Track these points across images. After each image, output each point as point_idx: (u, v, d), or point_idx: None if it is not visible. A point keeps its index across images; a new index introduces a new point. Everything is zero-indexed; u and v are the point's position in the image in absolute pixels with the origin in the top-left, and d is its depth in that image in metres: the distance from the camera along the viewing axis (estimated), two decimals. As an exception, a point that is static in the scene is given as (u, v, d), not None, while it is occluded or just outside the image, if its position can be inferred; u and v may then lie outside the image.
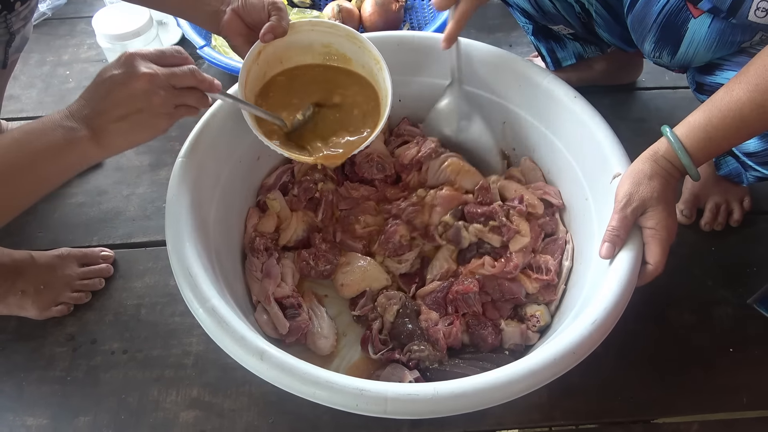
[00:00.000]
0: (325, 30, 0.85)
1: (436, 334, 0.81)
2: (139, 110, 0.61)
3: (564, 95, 0.88)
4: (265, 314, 0.83)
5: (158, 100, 0.61)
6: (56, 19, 1.44)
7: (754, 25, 0.69)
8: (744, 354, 0.89)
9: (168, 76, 0.62)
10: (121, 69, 0.61)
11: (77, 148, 0.60)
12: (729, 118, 0.67)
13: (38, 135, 0.60)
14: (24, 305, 0.90)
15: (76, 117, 0.61)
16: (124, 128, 0.62)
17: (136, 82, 0.60)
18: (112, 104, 0.60)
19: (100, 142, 0.61)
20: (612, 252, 0.71)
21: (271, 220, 0.92)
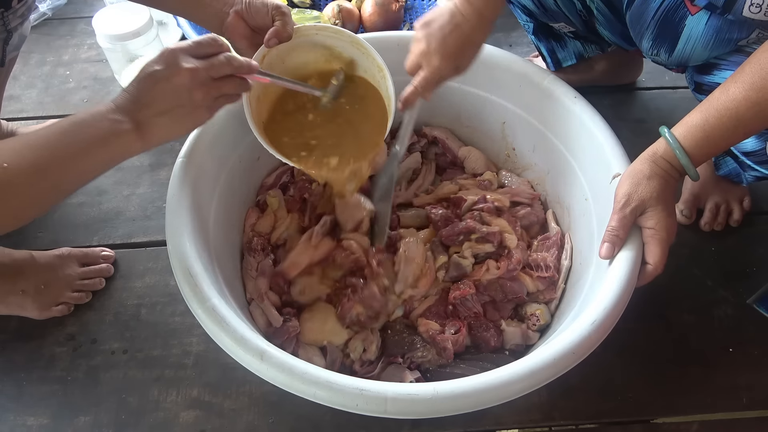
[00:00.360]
0: (331, 35, 0.84)
1: (444, 342, 0.80)
2: (181, 105, 0.63)
3: (564, 95, 0.88)
4: (257, 309, 0.83)
5: (199, 95, 0.63)
6: (56, 19, 1.44)
7: (749, 21, 0.70)
8: (744, 354, 0.89)
9: (207, 68, 0.64)
10: (162, 65, 0.62)
11: (121, 139, 0.62)
12: (726, 117, 0.68)
13: (85, 126, 0.61)
14: (24, 305, 0.90)
15: (121, 110, 0.62)
16: (167, 121, 0.64)
17: (178, 77, 0.62)
18: (156, 99, 0.62)
19: (143, 134, 0.63)
20: (611, 252, 0.72)
21: (269, 220, 0.92)
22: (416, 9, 1.40)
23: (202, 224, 0.79)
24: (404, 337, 0.82)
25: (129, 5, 1.19)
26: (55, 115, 1.21)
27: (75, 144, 0.61)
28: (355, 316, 0.82)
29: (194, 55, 0.64)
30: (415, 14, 1.39)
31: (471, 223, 0.88)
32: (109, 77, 1.29)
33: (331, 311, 0.84)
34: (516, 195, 0.95)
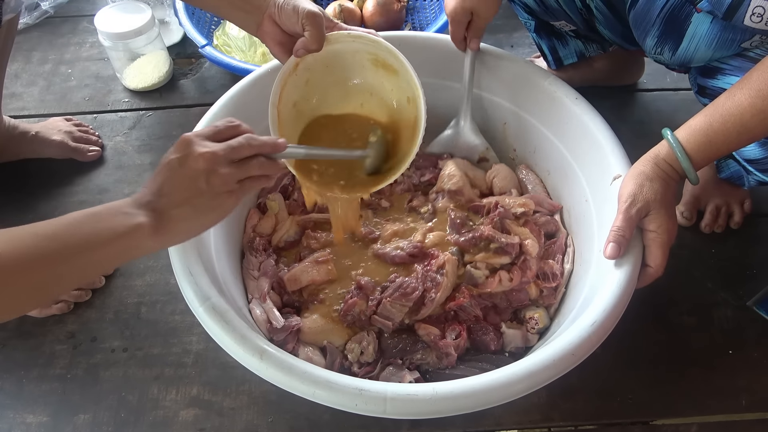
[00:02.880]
0: (367, 44, 0.78)
1: (447, 348, 0.79)
2: (199, 193, 0.58)
3: (565, 96, 0.88)
4: (258, 308, 0.83)
5: (218, 180, 0.58)
6: (58, 17, 1.44)
7: (750, 29, 0.70)
8: (743, 356, 0.89)
9: (226, 151, 0.59)
10: (178, 153, 0.58)
11: (135, 234, 0.57)
12: (730, 123, 0.68)
13: (98, 219, 0.57)
14: (25, 303, 0.90)
15: (138, 204, 0.58)
16: (187, 213, 0.59)
17: (194, 163, 0.57)
18: (172, 189, 0.58)
19: (161, 229, 0.58)
20: (617, 252, 0.71)
21: (270, 222, 0.92)
22: (418, 9, 1.40)
23: (203, 223, 0.79)
24: (403, 338, 0.82)
25: (131, 4, 1.19)
26: (56, 113, 1.21)
27: (83, 236, 0.56)
28: (357, 314, 0.82)
29: (211, 140, 0.59)
30: (417, 14, 1.40)
31: (490, 232, 0.85)
32: (111, 76, 1.29)
33: (331, 311, 0.84)
34: (538, 204, 0.93)
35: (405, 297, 0.80)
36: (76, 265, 0.57)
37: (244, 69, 1.11)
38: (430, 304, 0.81)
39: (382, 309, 0.81)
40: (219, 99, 0.87)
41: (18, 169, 1.11)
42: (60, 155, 1.12)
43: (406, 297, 0.80)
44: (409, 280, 0.82)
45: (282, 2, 0.74)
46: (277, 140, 0.63)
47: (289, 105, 0.81)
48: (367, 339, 0.81)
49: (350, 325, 0.83)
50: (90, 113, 1.23)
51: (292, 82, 0.79)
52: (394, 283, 0.82)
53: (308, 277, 0.85)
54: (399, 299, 0.80)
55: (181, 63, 1.33)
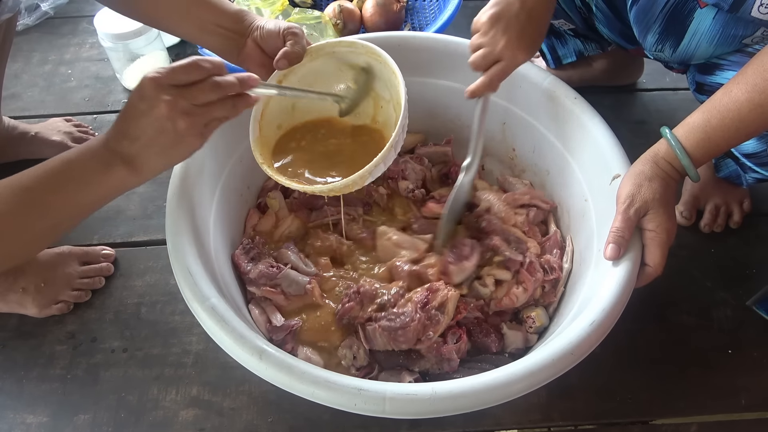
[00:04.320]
0: (345, 48, 0.79)
1: (449, 354, 0.79)
2: (166, 136, 0.60)
3: (564, 96, 0.88)
4: (257, 308, 0.83)
5: (183, 124, 0.59)
6: (58, 18, 1.44)
7: (757, 21, 0.70)
8: (743, 356, 0.89)
9: (189, 96, 0.60)
10: (142, 97, 0.59)
11: (112, 176, 0.61)
12: (728, 119, 0.68)
13: (74, 166, 0.60)
14: (24, 303, 0.90)
15: (109, 146, 0.61)
16: (156, 152, 0.61)
17: (157, 109, 0.58)
18: (140, 132, 0.60)
19: (135, 168, 0.61)
20: (617, 253, 0.71)
21: (270, 220, 0.93)
22: (417, 10, 1.40)
23: (203, 223, 0.79)
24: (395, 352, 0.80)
25: (130, 4, 1.19)
26: (56, 113, 1.21)
27: (63, 184, 0.60)
28: (352, 319, 0.81)
29: (175, 83, 0.59)
30: (417, 15, 1.40)
31: (497, 242, 0.85)
32: (111, 76, 1.29)
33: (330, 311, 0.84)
34: (534, 198, 0.94)
35: (395, 341, 0.77)
36: (63, 212, 0.61)
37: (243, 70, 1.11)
38: (426, 341, 0.78)
39: (371, 331, 0.78)
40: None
41: (18, 170, 1.07)
42: (60, 156, 1.12)
43: (395, 341, 0.77)
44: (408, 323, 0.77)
45: (263, 24, 0.76)
46: (247, 77, 0.63)
47: (273, 126, 0.81)
48: (357, 343, 0.80)
49: (345, 327, 0.82)
50: (90, 114, 1.23)
51: (276, 101, 0.80)
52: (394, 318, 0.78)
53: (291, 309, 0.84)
54: (389, 337, 0.77)
55: (180, 63, 1.33)
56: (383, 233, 0.90)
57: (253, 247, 0.87)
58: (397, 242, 0.89)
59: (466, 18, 1.38)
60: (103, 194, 0.63)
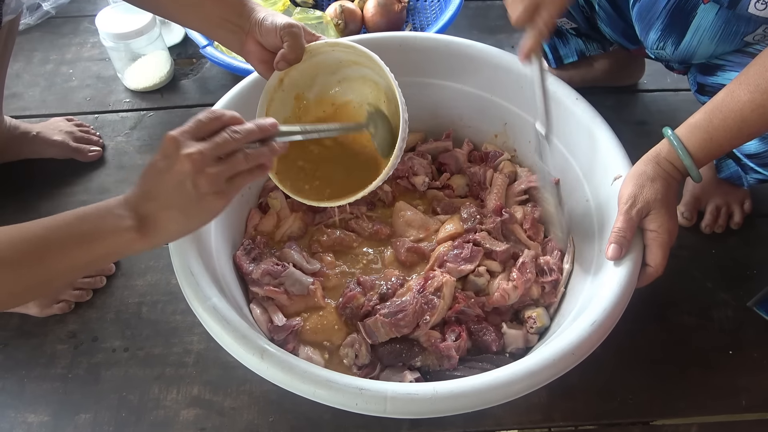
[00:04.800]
0: (343, 50, 0.78)
1: (448, 351, 0.79)
2: (188, 196, 0.56)
3: (566, 97, 0.88)
4: (259, 308, 0.83)
5: (205, 181, 0.56)
6: (60, 17, 1.44)
7: (755, 17, 0.70)
8: (743, 356, 0.89)
9: (211, 149, 0.56)
10: (164, 154, 0.57)
11: (121, 238, 0.57)
12: (730, 119, 0.68)
13: (86, 221, 0.58)
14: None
15: (126, 205, 0.58)
16: (175, 216, 0.58)
17: (180, 165, 0.55)
18: (159, 192, 0.57)
19: (148, 231, 0.58)
20: (619, 253, 0.72)
21: (272, 220, 0.93)
22: (419, 10, 1.40)
23: (204, 223, 0.79)
24: (397, 346, 0.81)
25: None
26: (57, 113, 1.22)
27: (70, 239, 0.57)
28: (355, 308, 0.82)
29: (196, 137, 0.57)
30: (418, 15, 1.40)
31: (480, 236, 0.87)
32: (112, 76, 1.29)
33: (331, 311, 0.84)
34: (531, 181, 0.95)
35: (396, 326, 0.79)
36: (62, 267, 0.58)
37: (245, 69, 1.12)
38: (424, 326, 0.80)
39: (372, 323, 0.79)
40: (220, 99, 0.87)
41: (19, 170, 1.11)
42: (61, 155, 1.12)
43: (397, 326, 0.79)
44: (406, 305, 0.79)
45: (260, 20, 0.74)
46: (265, 123, 0.60)
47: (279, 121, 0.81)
48: (359, 341, 0.81)
49: (348, 319, 0.83)
50: (91, 113, 1.23)
51: (279, 98, 0.79)
52: (393, 305, 0.80)
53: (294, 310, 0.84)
54: (390, 325, 0.79)
55: (182, 63, 1.33)
56: (399, 209, 0.92)
57: (254, 248, 0.87)
58: (408, 220, 0.92)
59: (468, 19, 1.40)
60: (108, 251, 0.58)
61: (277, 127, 0.61)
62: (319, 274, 0.87)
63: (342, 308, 0.82)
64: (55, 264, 0.57)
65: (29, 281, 0.57)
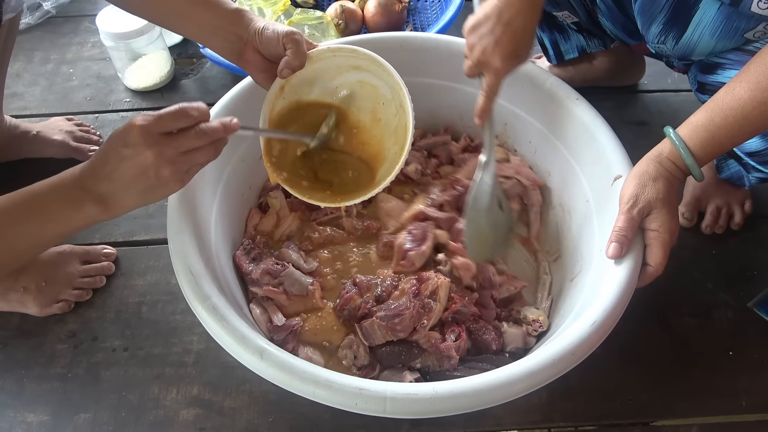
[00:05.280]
0: (348, 55, 0.79)
1: (448, 351, 0.79)
2: (147, 182, 0.60)
3: (566, 97, 0.88)
4: (259, 308, 0.83)
5: (166, 172, 0.60)
6: (60, 17, 1.44)
7: (756, 16, 0.70)
8: (744, 357, 0.89)
9: (175, 145, 0.60)
10: (127, 144, 0.59)
11: (83, 213, 0.61)
12: (731, 117, 0.68)
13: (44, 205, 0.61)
14: (25, 302, 0.90)
15: (83, 185, 0.61)
16: (133, 195, 0.61)
17: (142, 158, 0.59)
18: (120, 176, 0.60)
19: (107, 207, 0.61)
20: (620, 252, 0.71)
21: (272, 219, 0.93)
22: (419, 10, 1.40)
23: (204, 223, 0.79)
24: (396, 349, 0.81)
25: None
26: (58, 113, 1.22)
27: (27, 217, 0.60)
28: (353, 309, 0.82)
29: (163, 131, 0.60)
30: (418, 15, 1.40)
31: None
32: (112, 75, 1.29)
33: (329, 311, 0.84)
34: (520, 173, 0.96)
35: (392, 329, 0.79)
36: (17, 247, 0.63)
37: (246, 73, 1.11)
38: (422, 330, 0.80)
39: (368, 325, 0.79)
40: (220, 99, 0.87)
41: (19, 169, 1.11)
42: (61, 155, 1.12)
43: (393, 330, 0.79)
44: (403, 310, 0.79)
45: (261, 29, 0.74)
46: (227, 123, 0.63)
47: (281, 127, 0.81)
48: (357, 342, 0.81)
49: (346, 320, 0.83)
50: (91, 113, 1.23)
51: (280, 105, 0.80)
52: (389, 308, 0.80)
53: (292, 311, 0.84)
54: (387, 328, 0.79)
55: (182, 63, 1.33)
56: (378, 200, 0.93)
57: (254, 248, 0.87)
58: (388, 210, 0.93)
59: (468, 19, 1.39)
60: (69, 229, 0.63)
61: (238, 126, 0.65)
62: (316, 273, 0.87)
63: (340, 310, 0.82)
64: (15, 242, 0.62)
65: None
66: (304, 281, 0.83)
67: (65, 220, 0.61)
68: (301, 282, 0.83)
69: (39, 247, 0.67)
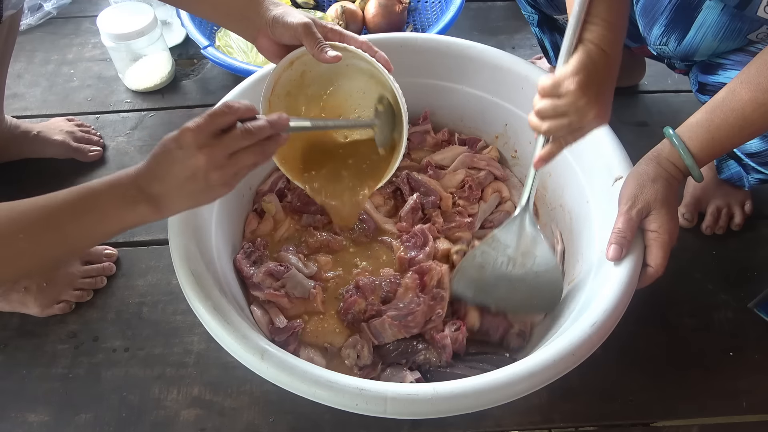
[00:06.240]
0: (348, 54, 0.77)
1: (444, 340, 0.80)
2: (197, 185, 0.61)
3: (566, 98, 0.88)
4: (260, 310, 0.83)
5: (215, 175, 0.61)
6: (61, 18, 1.44)
7: (761, 19, 0.70)
8: (744, 358, 0.89)
9: (224, 147, 0.61)
10: (179, 146, 0.60)
11: (137, 212, 0.62)
12: (731, 118, 0.68)
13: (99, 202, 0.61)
14: (26, 302, 0.90)
15: (137, 186, 0.62)
16: (184, 197, 0.62)
17: (193, 160, 0.59)
18: (172, 179, 0.61)
19: (159, 209, 0.62)
20: (619, 254, 0.72)
21: (269, 223, 0.93)
22: (420, 11, 1.40)
23: (205, 224, 0.79)
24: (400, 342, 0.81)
25: (133, 5, 1.20)
26: (58, 113, 1.22)
27: (84, 214, 0.61)
28: (357, 312, 0.82)
29: (211, 132, 0.60)
30: (419, 16, 1.40)
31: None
32: (113, 76, 1.29)
33: (332, 313, 0.84)
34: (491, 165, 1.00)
35: (405, 327, 0.80)
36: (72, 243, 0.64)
37: (246, 70, 1.12)
38: (437, 319, 0.81)
39: (379, 324, 0.80)
40: (221, 100, 0.87)
41: (19, 169, 1.11)
42: (61, 155, 1.12)
43: (406, 327, 0.80)
44: (414, 308, 0.80)
45: (272, 19, 0.74)
46: (278, 119, 0.63)
47: (282, 94, 0.80)
48: (361, 342, 0.81)
49: (350, 324, 0.83)
50: (92, 114, 1.23)
51: (287, 75, 0.79)
52: (400, 307, 0.81)
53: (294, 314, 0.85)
54: (399, 327, 0.80)
55: (183, 64, 1.33)
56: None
57: (254, 251, 0.87)
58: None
59: (469, 20, 1.40)
60: (121, 228, 0.63)
61: (287, 121, 0.64)
62: (317, 276, 0.87)
63: (344, 314, 0.82)
64: (70, 238, 0.62)
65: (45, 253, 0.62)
66: (306, 284, 0.83)
67: (119, 218, 0.62)
68: (303, 285, 0.83)
69: (92, 243, 0.69)
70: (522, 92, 0.93)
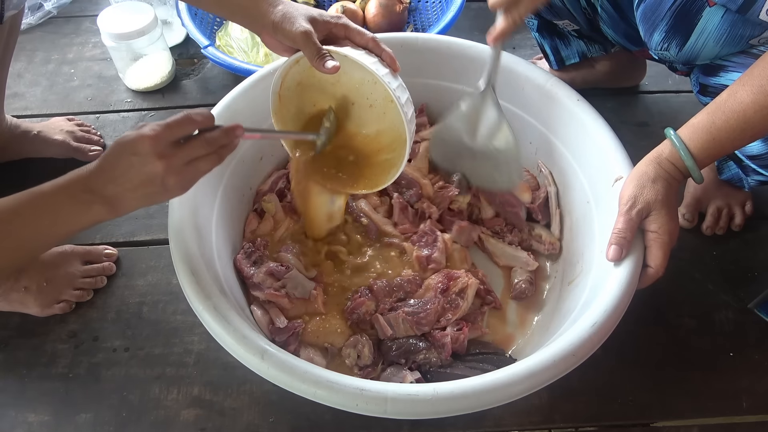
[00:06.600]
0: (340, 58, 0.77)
1: (443, 339, 0.80)
2: (153, 187, 0.62)
3: (567, 98, 0.88)
4: (260, 310, 0.83)
5: (173, 180, 0.62)
6: (61, 17, 1.44)
7: (763, 23, 0.70)
8: (744, 358, 0.89)
9: (183, 156, 0.62)
10: (134, 153, 0.61)
11: (91, 213, 0.63)
12: (733, 120, 0.68)
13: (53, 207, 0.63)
14: (26, 302, 0.90)
15: (91, 188, 0.62)
16: (139, 198, 0.63)
17: (151, 167, 0.61)
18: (127, 181, 0.62)
19: (113, 207, 0.64)
20: (620, 254, 0.72)
21: (269, 223, 0.93)
22: (420, 10, 1.40)
23: (205, 223, 0.79)
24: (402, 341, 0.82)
25: (133, 4, 1.20)
26: (59, 113, 1.22)
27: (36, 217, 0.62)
28: (363, 314, 0.82)
29: (170, 141, 0.61)
30: (419, 16, 1.40)
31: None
32: (113, 76, 1.29)
33: (334, 314, 0.84)
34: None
35: (418, 324, 0.81)
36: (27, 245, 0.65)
37: (247, 70, 1.12)
38: (445, 323, 0.83)
39: (392, 317, 0.81)
40: (221, 100, 0.87)
41: (20, 169, 1.11)
42: (62, 155, 1.12)
43: (418, 324, 0.81)
44: (429, 306, 0.82)
45: (272, 24, 0.74)
46: (231, 130, 0.65)
47: (293, 85, 0.81)
48: (362, 342, 0.81)
49: (353, 324, 0.83)
50: (92, 113, 1.23)
51: (295, 70, 0.79)
52: (417, 302, 0.83)
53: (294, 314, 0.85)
54: (412, 321, 0.81)
55: (183, 63, 1.33)
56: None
57: (254, 251, 0.87)
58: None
59: (469, 20, 1.39)
60: (77, 228, 0.65)
61: (242, 131, 0.66)
62: (317, 280, 0.87)
63: (350, 313, 0.83)
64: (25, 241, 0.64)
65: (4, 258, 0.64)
66: (307, 284, 0.83)
67: (74, 219, 0.63)
68: (304, 285, 0.83)
69: (48, 245, 0.71)
70: (522, 92, 0.93)
